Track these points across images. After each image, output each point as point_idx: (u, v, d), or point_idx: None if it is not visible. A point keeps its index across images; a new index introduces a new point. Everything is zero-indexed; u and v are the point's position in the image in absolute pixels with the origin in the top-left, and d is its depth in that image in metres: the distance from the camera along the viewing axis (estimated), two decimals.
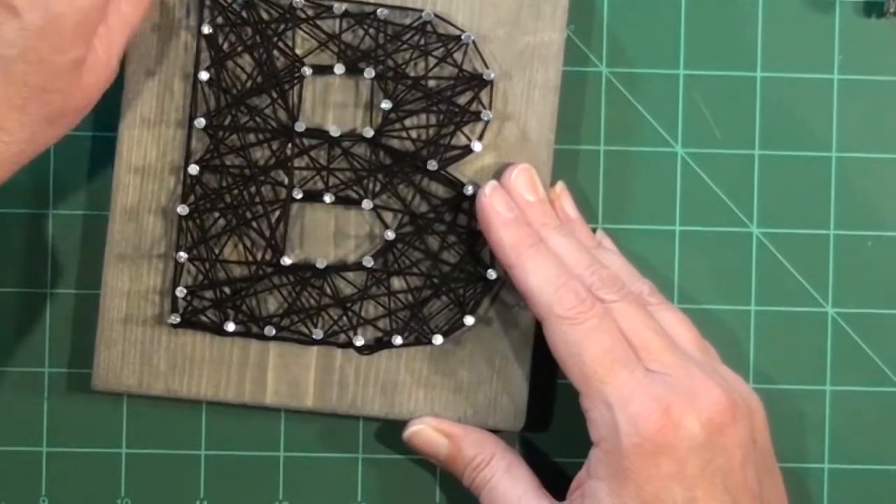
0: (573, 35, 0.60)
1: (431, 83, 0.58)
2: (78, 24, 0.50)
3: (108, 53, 0.52)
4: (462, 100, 0.58)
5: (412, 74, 0.57)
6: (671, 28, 0.61)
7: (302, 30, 0.57)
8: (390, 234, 0.58)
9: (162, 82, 0.57)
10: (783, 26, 0.61)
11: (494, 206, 0.56)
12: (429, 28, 0.57)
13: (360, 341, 0.58)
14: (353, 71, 0.57)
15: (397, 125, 0.57)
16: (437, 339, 0.58)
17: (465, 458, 0.57)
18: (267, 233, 0.58)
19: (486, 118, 0.57)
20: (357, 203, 0.58)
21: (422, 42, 0.57)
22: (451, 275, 0.58)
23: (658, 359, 0.53)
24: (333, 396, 0.58)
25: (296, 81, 0.57)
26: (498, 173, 0.58)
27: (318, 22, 0.57)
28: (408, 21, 0.57)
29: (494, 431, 0.58)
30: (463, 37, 0.57)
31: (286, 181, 0.58)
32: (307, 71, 0.57)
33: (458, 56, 0.57)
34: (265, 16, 0.57)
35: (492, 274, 0.58)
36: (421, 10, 0.57)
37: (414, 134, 0.58)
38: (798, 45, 0.61)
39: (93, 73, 0.52)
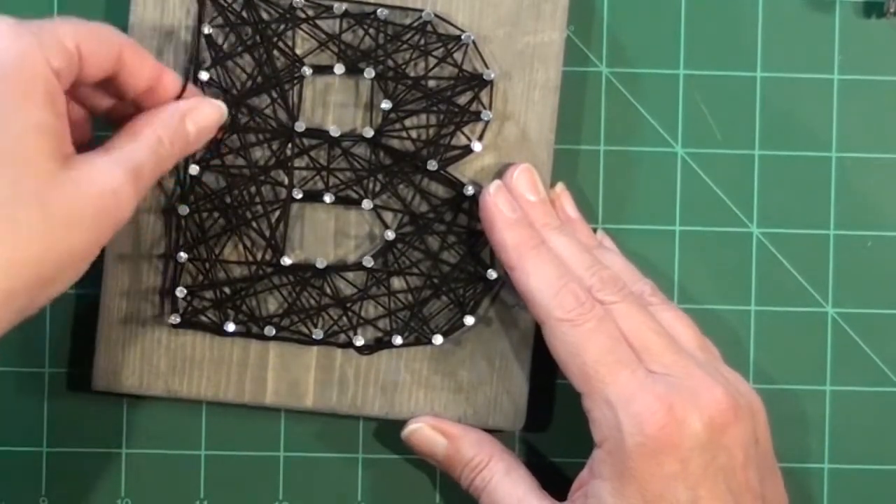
0: (573, 35, 0.60)
1: (431, 83, 0.58)
2: None
3: (107, 165, 0.50)
4: (462, 100, 0.58)
5: (412, 74, 0.57)
6: (671, 28, 0.61)
7: (302, 30, 0.57)
8: (390, 234, 0.58)
9: None
10: (783, 26, 0.61)
11: (498, 205, 0.56)
12: (429, 28, 0.57)
13: (360, 341, 0.58)
14: (353, 71, 0.57)
15: (397, 125, 0.57)
16: (437, 339, 0.58)
17: (464, 458, 0.57)
18: (267, 233, 0.58)
19: (486, 118, 0.57)
20: (357, 203, 0.58)
21: (422, 42, 0.57)
22: (451, 275, 0.58)
23: (659, 359, 0.53)
24: (333, 396, 0.58)
25: (296, 81, 0.57)
26: (498, 173, 0.58)
27: (318, 22, 0.57)
28: (408, 21, 0.57)
29: (494, 431, 0.58)
30: (463, 37, 0.57)
31: (286, 181, 0.58)
32: (307, 71, 0.57)
33: (458, 56, 0.57)
34: (265, 16, 0.57)
35: (492, 274, 0.58)
36: (421, 10, 0.57)
37: (414, 134, 0.58)
38: (798, 45, 0.61)
39: (85, 176, 0.49)
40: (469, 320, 0.58)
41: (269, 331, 0.58)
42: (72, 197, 0.48)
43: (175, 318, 0.57)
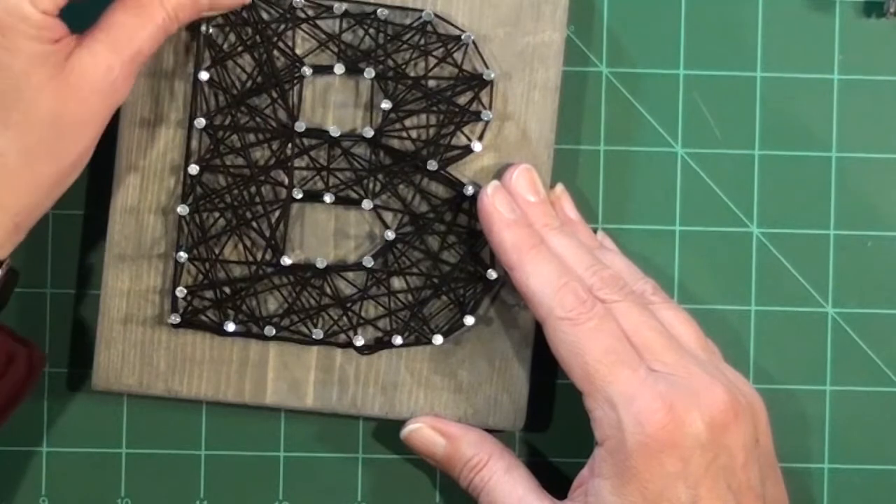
0: (573, 35, 0.60)
1: (431, 83, 0.58)
2: None
3: (105, 58, 0.52)
4: (462, 100, 0.58)
5: (412, 74, 0.57)
6: (671, 28, 0.61)
7: (302, 30, 0.57)
8: (390, 234, 0.58)
9: (162, 82, 0.57)
10: (783, 26, 0.61)
11: (496, 206, 0.56)
12: (429, 28, 0.57)
13: (360, 341, 0.58)
14: (353, 71, 0.57)
15: (397, 125, 0.57)
16: (437, 339, 0.58)
17: (463, 457, 0.57)
18: (267, 233, 0.58)
19: (486, 118, 0.57)
20: (357, 203, 0.58)
21: (422, 42, 0.57)
22: (451, 275, 0.58)
23: (660, 358, 0.53)
24: (333, 396, 0.58)
25: (296, 81, 0.57)
26: (498, 173, 0.58)
27: (318, 22, 0.57)
28: (408, 21, 0.57)
29: (494, 431, 0.58)
30: (463, 37, 0.57)
31: (286, 181, 0.58)
32: (307, 71, 0.57)
33: (458, 56, 0.57)
34: (265, 16, 0.57)
35: (492, 274, 0.58)
36: (421, 10, 0.57)
37: (414, 134, 0.58)
38: (798, 45, 0.61)
39: (85, 76, 0.52)
40: (469, 320, 0.58)
41: (269, 331, 0.58)
42: (74, 103, 0.52)
43: (175, 318, 0.57)
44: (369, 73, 0.57)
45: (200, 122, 0.57)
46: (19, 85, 0.51)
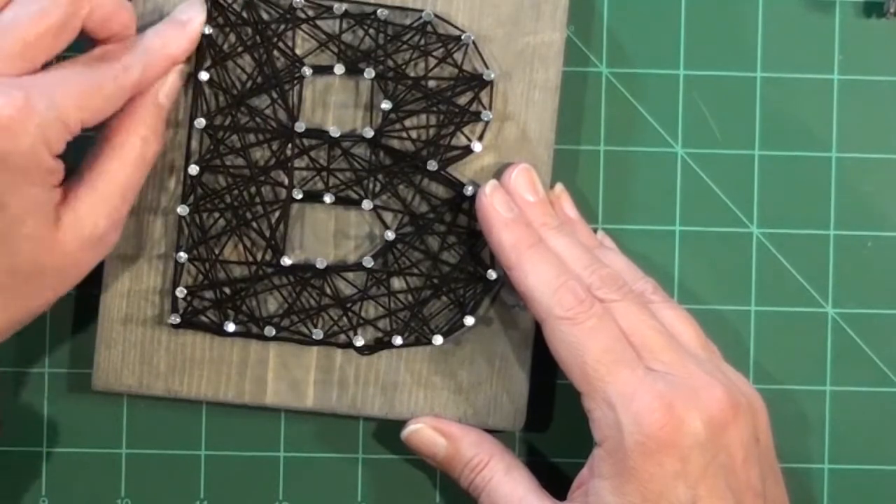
0: (573, 35, 0.60)
1: (431, 83, 0.58)
2: (24, 161, 0.49)
3: (91, 215, 0.52)
4: (462, 100, 0.58)
5: (412, 75, 0.57)
6: (671, 28, 0.61)
7: (302, 30, 0.57)
8: (390, 235, 0.58)
9: None
10: (783, 26, 0.61)
11: (494, 206, 0.56)
12: (429, 28, 0.57)
13: (360, 341, 0.58)
14: (353, 71, 0.57)
15: (397, 125, 0.57)
16: (437, 340, 0.58)
17: (464, 458, 0.57)
18: (267, 233, 0.58)
19: (486, 118, 0.57)
20: (357, 203, 0.58)
21: (422, 42, 0.57)
22: (451, 275, 0.58)
23: (659, 358, 0.53)
24: (333, 396, 0.58)
25: (296, 81, 0.57)
26: (498, 173, 0.58)
27: (318, 22, 0.57)
28: (408, 21, 0.57)
29: (494, 432, 0.58)
30: (463, 37, 0.57)
31: (286, 181, 0.58)
32: (307, 71, 0.57)
33: (458, 56, 0.57)
34: (265, 16, 0.57)
35: (492, 274, 0.58)
36: (421, 11, 0.57)
37: (414, 134, 0.58)
38: (798, 45, 0.61)
39: (71, 233, 0.51)
40: (469, 320, 0.58)
41: (269, 331, 0.58)
42: (58, 256, 0.51)
43: (175, 318, 0.57)
44: (369, 73, 0.57)
45: (200, 122, 0.57)
46: (10, 231, 0.50)
